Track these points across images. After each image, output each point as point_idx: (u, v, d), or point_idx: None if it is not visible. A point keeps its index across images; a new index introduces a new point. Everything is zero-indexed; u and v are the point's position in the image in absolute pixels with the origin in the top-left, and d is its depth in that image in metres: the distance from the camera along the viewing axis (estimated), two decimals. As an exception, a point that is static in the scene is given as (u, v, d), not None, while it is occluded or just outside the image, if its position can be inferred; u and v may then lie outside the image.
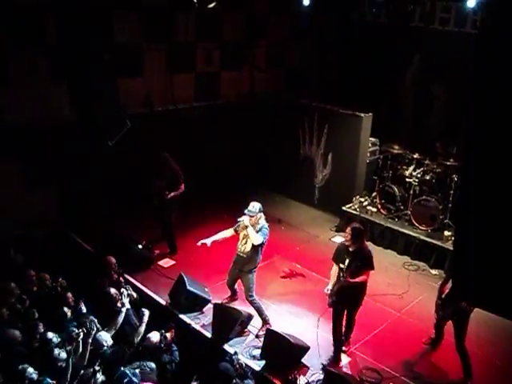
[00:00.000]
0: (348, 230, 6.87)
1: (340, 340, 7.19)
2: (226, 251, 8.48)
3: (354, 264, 6.73)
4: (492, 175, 4.51)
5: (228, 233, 7.78)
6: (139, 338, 6.66)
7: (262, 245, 7.46)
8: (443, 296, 6.95)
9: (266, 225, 7.52)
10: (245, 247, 7.53)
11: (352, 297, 6.92)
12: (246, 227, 7.38)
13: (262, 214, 7.51)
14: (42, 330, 6.38)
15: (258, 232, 7.38)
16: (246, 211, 7.45)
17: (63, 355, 5.95)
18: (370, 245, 9.96)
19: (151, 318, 6.98)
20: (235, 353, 6.89)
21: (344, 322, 7.16)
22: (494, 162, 4.47)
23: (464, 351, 6.81)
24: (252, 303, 7.65)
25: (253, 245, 7.41)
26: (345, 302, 6.96)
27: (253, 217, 7.39)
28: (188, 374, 6.13)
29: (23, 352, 6.11)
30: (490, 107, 4.40)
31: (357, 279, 6.68)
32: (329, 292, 6.97)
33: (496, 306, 4.99)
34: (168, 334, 6.68)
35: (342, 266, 6.86)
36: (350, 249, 6.81)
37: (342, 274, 6.85)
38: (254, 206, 7.46)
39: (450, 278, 6.94)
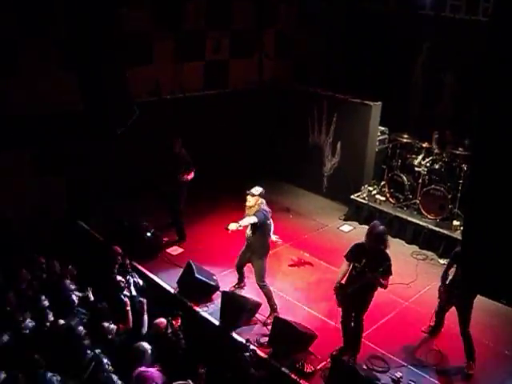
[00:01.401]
0: (370, 230, 6.59)
1: (348, 339, 6.99)
2: (235, 239, 8.51)
3: (373, 265, 6.42)
4: (502, 164, 4.49)
5: None
6: (145, 327, 6.70)
7: (261, 227, 7.43)
8: (447, 282, 6.98)
9: (267, 209, 7.50)
10: (249, 231, 7.57)
11: (361, 299, 6.68)
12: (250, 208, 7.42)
13: (262, 199, 7.48)
14: (52, 318, 6.43)
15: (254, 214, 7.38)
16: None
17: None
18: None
19: (160, 306, 7.03)
20: (247, 340, 6.90)
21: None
22: (505, 151, 4.45)
23: (468, 336, 6.85)
24: (262, 288, 7.68)
25: (252, 226, 7.43)
26: (353, 305, 6.77)
27: (253, 196, 7.40)
28: (195, 362, 6.15)
29: (34, 339, 6.18)
30: (501, 96, 4.37)
31: (383, 282, 6.43)
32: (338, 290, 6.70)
33: (506, 295, 4.98)
34: (174, 322, 6.71)
35: (356, 264, 6.59)
36: (368, 248, 6.55)
37: (354, 272, 6.59)
38: (256, 188, 7.50)
39: (452, 264, 6.99)
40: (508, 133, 4.36)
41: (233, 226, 7.23)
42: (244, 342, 6.88)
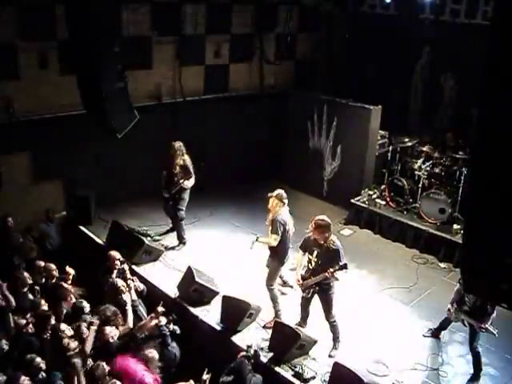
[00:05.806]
0: (312, 222, 6.96)
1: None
2: (235, 243, 8.50)
3: (324, 258, 6.85)
4: (503, 167, 4.49)
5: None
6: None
7: (281, 241, 7.46)
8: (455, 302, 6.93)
9: (279, 216, 7.49)
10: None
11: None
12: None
13: (281, 203, 7.59)
14: (54, 322, 6.42)
15: (271, 231, 7.40)
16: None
17: (73, 345, 6.00)
18: (378, 238, 10.12)
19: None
20: (250, 346, 6.87)
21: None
22: (505, 153, 4.44)
23: (476, 351, 6.78)
24: (270, 291, 7.60)
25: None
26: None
27: (272, 197, 7.52)
28: (195, 366, 6.13)
29: (35, 343, 6.16)
30: (501, 99, 4.37)
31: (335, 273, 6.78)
32: (301, 281, 7.14)
33: (507, 299, 4.97)
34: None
35: (310, 256, 6.99)
36: (319, 241, 6.89)
37: (310, 265, 6.99)
38: (277, 191, 7.63)
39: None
40: (508, 136, 4.36)
41: (262, 240, 7.46)
42: (244, 346, 6.86)
